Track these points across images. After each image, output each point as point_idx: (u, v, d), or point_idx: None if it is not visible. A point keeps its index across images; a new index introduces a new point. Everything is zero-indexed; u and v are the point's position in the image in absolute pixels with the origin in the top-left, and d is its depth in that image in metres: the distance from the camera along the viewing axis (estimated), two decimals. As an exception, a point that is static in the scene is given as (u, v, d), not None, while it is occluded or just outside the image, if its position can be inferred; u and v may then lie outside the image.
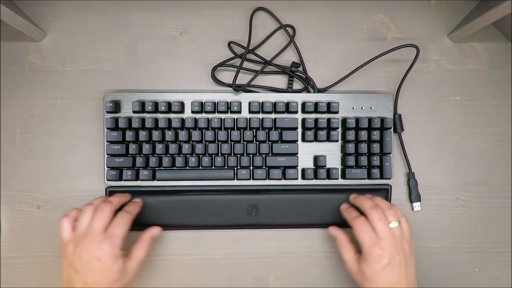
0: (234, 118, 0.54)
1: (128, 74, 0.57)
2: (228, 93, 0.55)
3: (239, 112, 0.54)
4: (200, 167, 0.54)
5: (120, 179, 0.53)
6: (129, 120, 0.53)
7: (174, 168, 0.54)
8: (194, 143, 0.54)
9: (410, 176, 0.57)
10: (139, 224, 0.53)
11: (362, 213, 0.50)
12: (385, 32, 0.60)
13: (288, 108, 0.55)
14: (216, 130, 0.54)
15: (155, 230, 0.52)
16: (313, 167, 0.55)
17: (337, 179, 0.55)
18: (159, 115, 0.54)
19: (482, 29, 0.55)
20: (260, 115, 0.55)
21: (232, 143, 0.54)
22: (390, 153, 0.55)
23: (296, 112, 0.55)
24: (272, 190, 0.55)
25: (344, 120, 0.55)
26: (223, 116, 0.54)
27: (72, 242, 0.46)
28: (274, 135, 0.54)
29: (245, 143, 0.54)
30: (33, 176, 0.55)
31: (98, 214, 0.46)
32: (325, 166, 0.55)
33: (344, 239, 0.51)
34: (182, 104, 0.54)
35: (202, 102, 0.54)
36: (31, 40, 0.57)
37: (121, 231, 0.46)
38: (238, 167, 0.54)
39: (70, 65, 0.57)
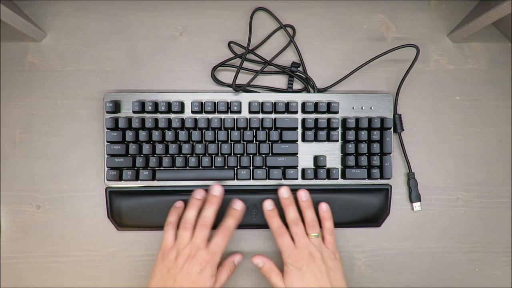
0: (234, 118, 0.54)
1: (128, 74, 0.57)
2: (228, 93, 0.55)
3: (239, 112, 0.54)
4: (200, 167, 0.54)
5: (120, 179, 0.53)
6: (129, 120, 0.53)
7: (174, 168, 0.54)
8: (194, 143, 0.54)
9: (410, 176, 0.57)
10: (141, 225, 0.53)
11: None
12: (385, 32, 0.60)
13: (288, 108, 0.55)
14: (216, 130, 0.54)
15: (238, 258, 0.53)
16: (313, 167, 0.55)
17: (337, 179, 0.55)
18: (159, 115, 0.54)
19: (482, 29, 0.55)
20: (260, 115, 0.55)
21: (232, 143, 0.54)
22: (390, 153, 0.55)
23: (296, 112, 0.55)
24: (272, 190, 0.55)
25: (344, 120, 0.55)
26: (223, 116, 0.54)
27: (175, 251, 0.48)
28: (274, 135, 0.54)
29: (245, 143, 0.54)
30: (33, 176, 0.55)
31: (201, 231, 0.48)
32: (325, 166, 0.55)
33: (270, 266, 0.51)
34: (182, 104, 0.54)
35: (202, 102, 0.54)
36: (31, 40, 0.57)
37: (221, 250, 0.48)
38: (238, 167, 0.54)
39: (70, 65, 0.57)
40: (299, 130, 0.55)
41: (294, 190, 0.55)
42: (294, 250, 0.49)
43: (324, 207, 0.53)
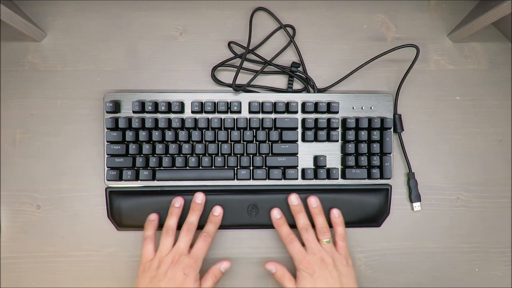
0: (234, 118, 0.54)
1: (128, 74, 0.57)
2: (228, 93, 0.55)
3: (239, 112, 0.54)
4: (200, 167, 0.54)
5: (120, 179, 0.53)
6: (129, 120, 0.53)
7: (174, 168, 0.54)
8: (194, 143, 0.54)
9: (410, 176, 0.57)
10: (139, 225, 0.53)
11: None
12: (385, 32, 0.60)
13: (288, 108, 0.55)
14: (216, 130, 0.54)
15: (225, 265, 0.52)
16: (313, 167, 0.55)
17: (337, 179, 0.55)
18: (159, 115, 0.54)
19: (482, 29, 0.55)
20: (260, 115, 0.55)
21: (232, 143, 0.54)
22: (390, 153, 0.55)
23: (296, 112, 0.55)
24: (272, 190, 0.55)
25: (344, 120, 0.55)
26: (223, 116, 0.54)
27: (156, 260, 0.49)
28: (274, 135, 0.54)
29: (245, 143, 0.54)
30: (33, 176, 0.55)
31: (185, 236, 0.50)
32: (325, 166, 0.55)
33: (282, 272, 0.51)
34: (182, 104, 0.54)
35: (202, 102, 0.54)
36: (31, 40, 0.57)
37: (203, 255, 0.50)
38: (238, 167, 0.54)
39: (70, 65, 0.57)
40: (299, 130, 0.55)
41: (294, 190, 0.55)
42: (306, 256, 0.50)
43: (336, 213, 0.53)
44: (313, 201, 0.53)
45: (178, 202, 0.53)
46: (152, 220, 0.52)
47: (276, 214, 0.54)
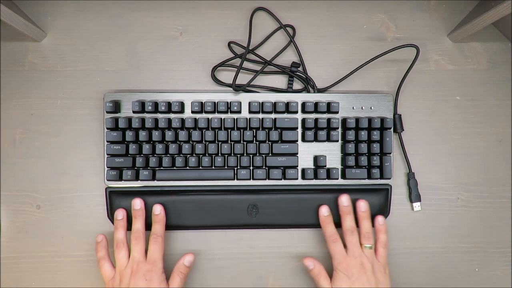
0: (234, 118, 0.54)
1: (128, 74, 0.57)
2: (228, 93, 0.55)
3: (239, 112, 0.54)
4: (200, 167, 0.54)
5: (120, 179, 0.53)
6: (129, 120, 0.53)
7: (174, 168, 0.54)
8: (194, 143, 0.54)
9: (410, 176, 0.57)
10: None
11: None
12: (385, 32, 0.60)
13: (288, 108, 0.55)
14: (216, 130, 0.54)
15: (188, 258, 0.52)
16: (313, 167, 0.55)
17: (337, 179, 0.55)
18: (159, 115, 0.54)
19: (482, 29, 0.55)
20: (260, 115, 0.55)
21: (232, 143, 0.54)
22: (390, 153, 0.55)
23: (296, 112, 0.55)
24: (272, 190, 0.55)
25: (344, 120, 0.55)
26: (223, 116, 0.54)
27: (117, 276, 0.50)
28: (274, 135, 0.54)
29: (245, 143, 0.54)
30: (33, 176, 0.55)
31: (136, 245, 0.50)
32: (325, 166, 0.55)
33: (319, 269, 0.51)
34: (182, 104, 0.54)
35: (202, 102, 0.54)
36: (31, 40, 0.57)
37: (159, 256, 0.50)
38: (238, 167, 0.54)
39: (70, 65, 0.57)
40: (299, 130, 0.55)
41: (294, 190, 0.55)
42: (346, 258, 0.50)
43: (380, 220, 0.53)
44: (362, 205, 0.53)
45: (120, 214, 0.53)
46: (100, 241, 0.53)
47: (324, 211, 0.54)
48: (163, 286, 0.49)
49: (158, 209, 0.53)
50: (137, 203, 0.53)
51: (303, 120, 0.55)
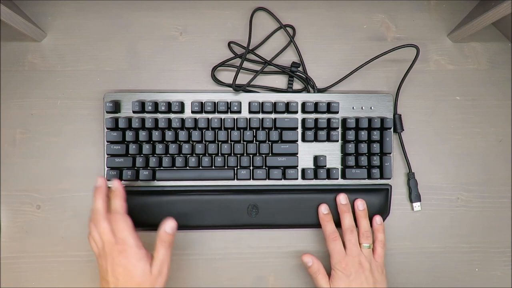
0: (234, 118, 0.54)
1: (128, 74, 0.57)
2: (228, 93, 0.55)
3: (239, 112, 0.54)
4: (200, 167, 0.54)
5: (120, 179, 0.53)
6: (129, 120, 0.53)
7: (174, 168, 0.54)
8: (194, 143, 0.54)
9: (410, 176, 0.57)
10: (141, 225, 0.53)
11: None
12: (385, 32, 0.60)
13: (288, 108, 0.55)
14: (216, 130, 0.54)
15: (170, 223, 0.47)
16: (313, 167, 0.55)
17: (337, 179, 0.55)
18: (159, 115, 0.54)
19: (482, 29, 0.55)
20: (260, 115, 0.55)
21: (232, 143, 0.54)
22: (390, 153, 0.55)
23: (296, 112, 0.55)
24: (272, 190, 0.55)
25: (344, 120, 0.55)
26: (223, 116, 0.54)
27: (99, 257, 0.47)
28: (274, 135, 0.54)
29: (245, 143, 0.54)
30: (33, 176, 0.55)
31: (99, 229, 0.46)
32: (325, 166, 0.55)
33: (318, 266, 0.51)
34: (182, 104, 0.54)
35: (202, 102, 0.54)
36: (31, 40, 0.57)
37: (127, 233, 0.46)
38: (238, 167, 0.54)
39: (70, 65, 0.57)
40: (299, 130, 0.55)
41: (294, 190, 0.55)
42: (345, 257, 0.50)
43: (378, 220, 0.54)
44: (360, 204, 0.54)
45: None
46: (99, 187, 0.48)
47: (323, 209, 0.54)
48: (142, 262, 0.45)
49: (115, 184, 0.48)
50: (99, 182, 0.48)
51: (303, 120, 0.55)
